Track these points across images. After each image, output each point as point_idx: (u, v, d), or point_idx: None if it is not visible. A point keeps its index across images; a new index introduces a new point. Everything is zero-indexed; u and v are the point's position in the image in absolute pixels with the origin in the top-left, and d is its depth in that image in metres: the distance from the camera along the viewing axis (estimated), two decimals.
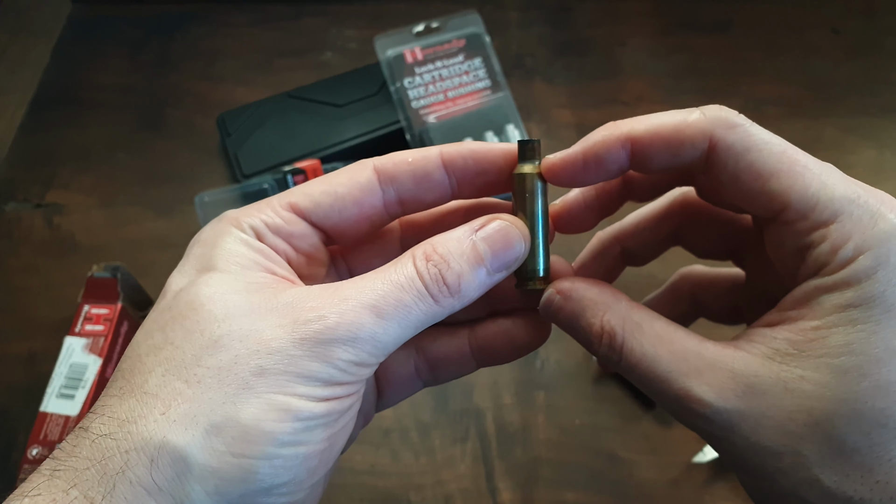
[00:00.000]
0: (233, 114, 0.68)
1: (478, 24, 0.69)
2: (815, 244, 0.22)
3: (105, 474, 0.20)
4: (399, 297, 0.23)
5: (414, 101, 0.66)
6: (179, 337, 0.22)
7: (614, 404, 0.54)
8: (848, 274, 0.22)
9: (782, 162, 0.23)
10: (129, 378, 0.22)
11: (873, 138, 0.67)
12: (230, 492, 0.21)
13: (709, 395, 0.23)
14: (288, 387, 0.22)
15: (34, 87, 0.74)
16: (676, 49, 0.74)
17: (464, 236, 0.25)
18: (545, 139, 0.67)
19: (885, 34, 0.74)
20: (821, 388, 0.21)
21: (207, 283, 0.24)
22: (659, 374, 0.24)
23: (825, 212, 0.22)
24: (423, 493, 0.51)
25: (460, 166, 0.27)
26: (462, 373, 0.31)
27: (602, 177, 0.26)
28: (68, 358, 0.52)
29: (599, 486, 0.51)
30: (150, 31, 0.77)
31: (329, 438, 0.23)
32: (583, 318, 0.26)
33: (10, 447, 0.53)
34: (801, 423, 0.22)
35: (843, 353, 0.21)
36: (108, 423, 0.21)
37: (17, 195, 0.67)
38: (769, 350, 0.23)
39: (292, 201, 0.26)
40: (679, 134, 0.24)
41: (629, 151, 0.25)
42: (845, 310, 0.22)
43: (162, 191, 0.66)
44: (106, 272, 0.56)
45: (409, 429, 0.53)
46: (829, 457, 0.21)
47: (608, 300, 0.26)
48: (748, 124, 0.24)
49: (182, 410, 0.21)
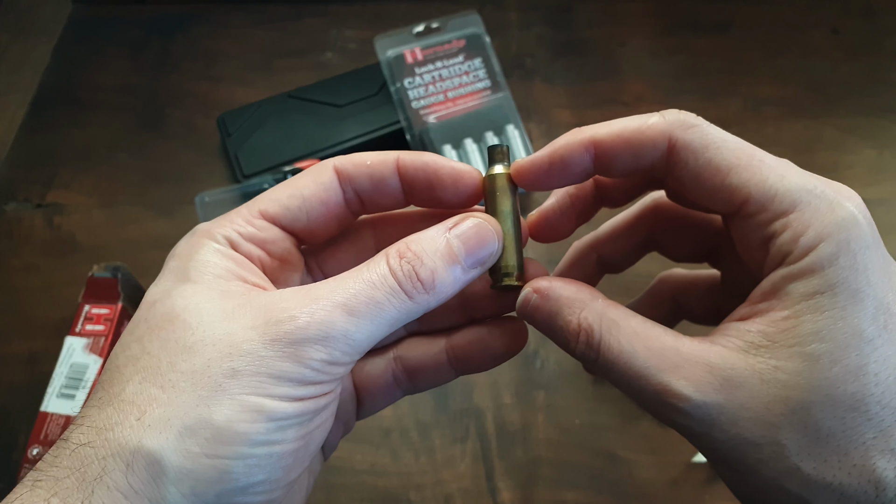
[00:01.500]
0: (233, 114, 0.68)
1: (478, 25, 0.69)
2: (777, 234, 0.23)
3: (83, 481, 0.21)
4: (371, 295, 0.23)
5: (414, 102, 0.66)
6: (156, 347, 0.23)
7: (614, 404, 0.54)
8: (811, 261, 0.22)
9: (739, 157, 0.24)
10: (107, 388, 0.23)
11: (873, 138, 0.67)
12: (206, 492, 0.21)
13: (687, 389, 0.23)
14: (260, 387, 0.22)
15: (35, 88, 0.74)
16: (676, 49, 0.74)
17: (438, 234, 0.25)
18: (545, 139, 0.67)
19: (884, 34, 0.74)
20: (795, 376, 0.22)
21: (182, 295, 0.24)
22: (637, 371, 0.24)
23: (784, 202, 0.23)
24: (423, 492, 0.51)
25: (411, 176, 0.27)
26: (441, 381, 0.31)
27: (567, 180, 0.27)
28: (69, 358, 0.52)
29: (599, 486, 0.51)
30: (150, 31, 0.77)
31: (303, 437, 0.24)
32: (559, 317, 0.26)
33: (10, 447, 0.54)
34: (779, 413, 0.22)
35: (814, 341, 0.22)
36: (86, 432, 0.22)
37: (18, 195, 0.67)
38: (743, 343, 0.23)
39: (262, 208, 0.27)
40: (640, 136, 0.25)
41: (593, 155, 0.25)
42: (812, 297, 0.22)
43: (162, 191, 0.66)
44: (106, 272, 0.56)
45: (410, 428, 0.54)
46: (807, 444, 0.22)
47: (585, 298, 0.26)
48: (705, 124, 0.24)
49: (156, 415, 0.21)
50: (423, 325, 0.32)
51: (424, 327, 0.32)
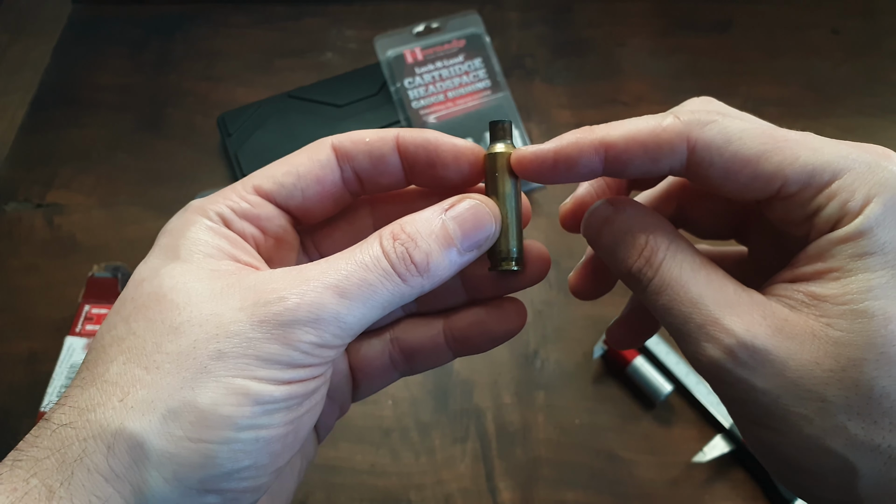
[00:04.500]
0: (233, 114, 0.68)
1: (478, 25, 0.69)
2: (822, 206, 0.22)
3: (63, 462, 0.20)
4: (363, 277, 0.23)
5: (414, 102, 0.66)
6: (142, 327, 0.22)
7: (614, 404, 0.54)
8: (859, 224, 0.21)
9: (765, 142, 0.23)
10: (91, 368, 0.22)
11: (873, 138, 0.67)
12: (189, 477, 0.21)
13: (738, 326, 0.22)
14: (247, 370, 0.21)
15: (35, 88, 0.74)
16: (676, 49, 0.74)
17: (433, 216, 0.25)
18: (545, 139, 0.66)
19: (884, 34, 0.74)
20: (847, 333, 0.21)
21: (170, 274, 0.23)
22: (691, 298, 0.23)
23: (824, 175, 0.22)
24: (423, 492, 0.51)
25: (412, 153, 0.27)
26: (438, 363, 0.31)
27: (570, 179, 0.26)
28: (69, 358, 0.52)
29: (599, 486, 0.51)
30: (150, 31, 0.77)
31: (292, 422, 0.23)
32: (630, 234, 0.25)
33: (10, 447, 0.53)
34: (828, 369, 0.21)
35: (867, 299, 0.21)
36: (68, 412, 0.21)
37: (18, 195, 0.67)
38: (793, 301, 0.23)
39: (256, 184, 0.26)
40: (656, 139, 0.24)
41: (603, 158, 0.24)
42: (861, 258, 0.21)
43: (162, 191, 0.66)
44: (106, 272, 0.56)
45: (410, 428, 0.54)
46: (857, 403, 0.21)
47: (659, 222, 0.25)
48: (720, 118, 0.24)
49: (140, 397, 0.21)
50: (422, 306, 0.31)
51: (423, 308, 0.31)
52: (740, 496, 0.50)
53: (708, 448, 0.51)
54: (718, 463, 0.51)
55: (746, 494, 0.50)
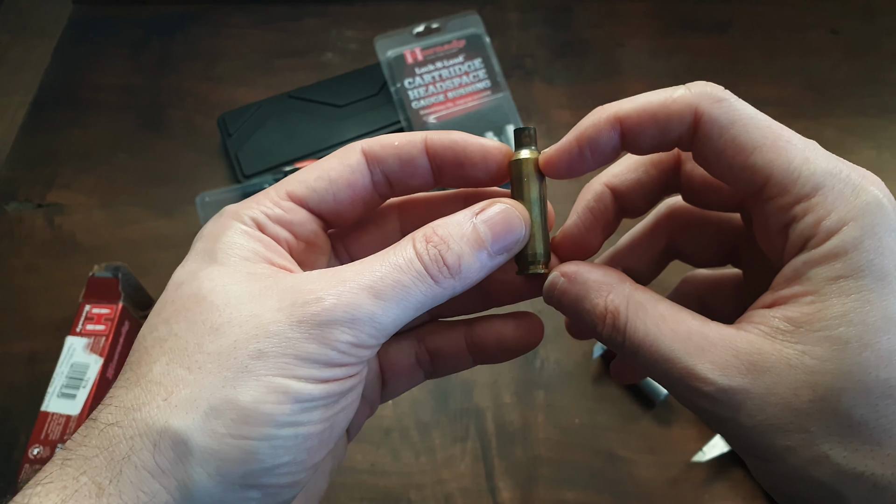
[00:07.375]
0: (233, 114, 0.68)
1: (478, 25, 0.69)
2: (798, 217, 0.22)
3: (112, 460, 0.21)
4: (397, 279, 0.24)
5: (414, 102, 0.66)
6: (183, 328, 0.23)
7: (614, 404, 0.54)
8: (834, 245, 0.22)
9: (766, 136, 0.23)
10: (135, 369, 0.23)
11: (872, 139, 0.67)
12: (231, 472, 0.21)
13: (713, 373, 0.22)
14: (286, 369, 0.22)
15: (35, 88, 0.74)
16: (676, 49, 0.74)
17: (464, 219, 0.25)
18: (545, 139, 0.67)
19: (883, 35, 0.74)
20: (823, 361, 0.21)
21: (210, 276, 0.24)
22: (662, 354, 0.23)
23: (807, 185, 0.22)
24: (423, 492, 0.51)
25: (440, 155, 0.27)
26: (459, 367, 0.31)
27: (598, 161, 0.26)
28: (69, 358, 0.52)
29: (599, 486, 0.51)
30: (150, 31, 0.77)
31: (328, 419, 0.24)
32: (587, 300, 0.26)
33: (11, 446, 0.54)
34: (807, 400, 0.21)
35: (841, 325, 0.21)
36: (115, 412, 0.22)
37: (19, 195, 0.67)
38: (769, 329, 0.23)
39: (289, 190, 0.27)
40: (666, 109, 0.24)
41: (619, 132, 0.25)
42: (836, 281, 0.21)
43: (163, 191, 0.67)
44: (107, 272, 0.56)
45: (410, 428, 0.54)
46: (836, 432, 0.21)
47: (612, 281, 0.26)
48: (733, 99, 0.24)
49: (183, 395, 0.22)
50: (442, 310, 0.32)
51: (446, 312, 0.32)
52: (740, 496, 0.50)
53: (707, 448, 0.51)
54: (718, 462, 0.51)
55: (746, 494, 0.50)
